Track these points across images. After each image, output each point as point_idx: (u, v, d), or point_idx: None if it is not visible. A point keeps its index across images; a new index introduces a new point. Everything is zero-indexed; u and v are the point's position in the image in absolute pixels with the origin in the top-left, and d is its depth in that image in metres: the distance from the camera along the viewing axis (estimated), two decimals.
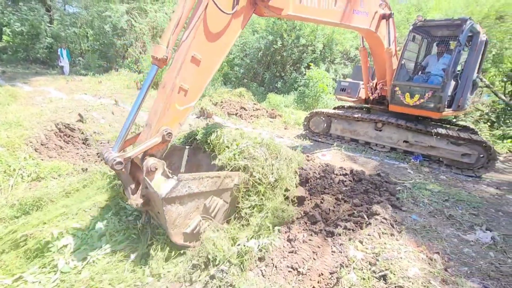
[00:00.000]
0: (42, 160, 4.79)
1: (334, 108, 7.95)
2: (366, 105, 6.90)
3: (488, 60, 9.75)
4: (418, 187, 4.39)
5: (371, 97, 6.46)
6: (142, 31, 14.87)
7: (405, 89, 5.69)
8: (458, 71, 5.88)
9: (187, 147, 3.69)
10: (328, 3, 4.27)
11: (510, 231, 3.39)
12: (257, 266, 2.75)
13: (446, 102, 5.39)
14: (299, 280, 2.61)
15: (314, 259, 3.03)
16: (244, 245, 2.83)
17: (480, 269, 2.66)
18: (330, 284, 2.52)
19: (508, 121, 9.09)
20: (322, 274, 2.67)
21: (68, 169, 4.64)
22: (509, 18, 8.91)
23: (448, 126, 6.85)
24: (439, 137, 5.51)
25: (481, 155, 5.25)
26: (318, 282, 2.59)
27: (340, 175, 4.77)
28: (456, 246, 3.00)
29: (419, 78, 5.86)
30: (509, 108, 9.28)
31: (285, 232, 3.52)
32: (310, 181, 4.67)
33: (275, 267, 2.73)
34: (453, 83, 5.61)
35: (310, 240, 3.39)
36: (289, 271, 2.71)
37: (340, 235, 3.44)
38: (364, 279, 2.36)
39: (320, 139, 6.78)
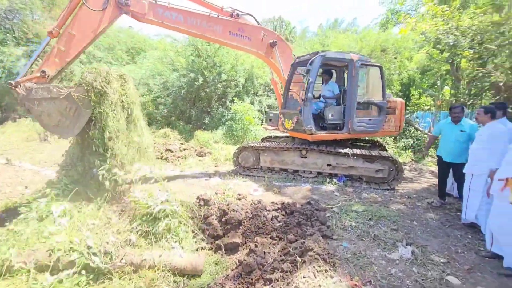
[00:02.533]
0: None
1: (262, 140, 8.10)
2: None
3: None
4: (345, 210, 4.55)
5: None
6: None
7: (286, 116, 6.45)
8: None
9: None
10: (196, 21, 5.61)
11: (425, 240, 3.69)
12: None
13: (312, 125, 5.85)
14: None
15: None
16: None
17: None
18: None
19: (406, 133, 10.68)
20: None
21: None
22: (389, 51, 10.82)
23: (362, 144, 7.60)
24: (355, 157, 5.99)
25: (391, 169, 5.86)
26: None
27: (273, 210, 4.66)
28: (384, 268, 3.07)
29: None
30: (404, 122, 10.94)
31: None
32: (243, 223, 4.42)
33: None
34: (336, 107, 6.28)
35: None
36: None
37: (278, 280, 3.22)
38: None
39: (251, 174, 6.70)
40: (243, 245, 4.18)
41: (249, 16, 6.27)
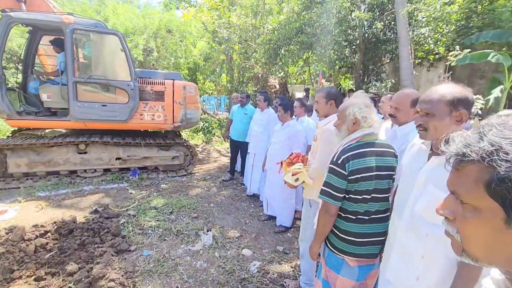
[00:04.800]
0: None
1: (13, 133, 5.59)
2: None
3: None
4: (143, 209, 4.01)
5: None
6: None
7: None
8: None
9: None
10: None
11: (222, 220, 3.93)
12: None
13: (6, 107, 4.54)
14: None
15: None
16: None
17: (214, 280, 2.71)
18: None
19: None
20: None
21: None
22: (175, 33, 10.83)
23: (154, 132, 7.13)
24: (148, 146, 5.46)
25: (187, 154, 5.90)
26: None
27: (37, 237, 3.27)
28: (190, 265, 2.90)
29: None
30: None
31: None
32: None
33: None
34: (54, 87, 4.86)
35: None
36: None
37: None
38: None
39: None
40: None
41: None
